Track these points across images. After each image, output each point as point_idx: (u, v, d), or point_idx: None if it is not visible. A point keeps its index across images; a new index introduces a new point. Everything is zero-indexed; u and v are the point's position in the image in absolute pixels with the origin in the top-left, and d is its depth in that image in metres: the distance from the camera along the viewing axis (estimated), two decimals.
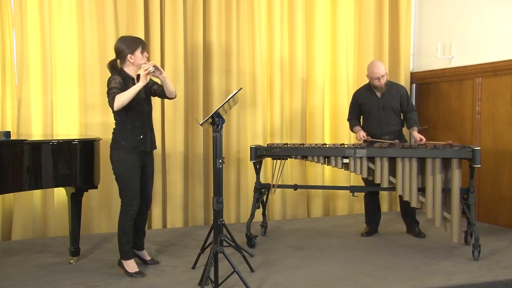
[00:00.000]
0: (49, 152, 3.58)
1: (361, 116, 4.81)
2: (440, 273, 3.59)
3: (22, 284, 3.44)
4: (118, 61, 3.59)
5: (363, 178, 4.61)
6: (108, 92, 3.44)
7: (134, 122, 3.55)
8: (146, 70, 3.41)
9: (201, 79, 5.17)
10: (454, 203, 3.91)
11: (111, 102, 3.40)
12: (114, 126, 3.61)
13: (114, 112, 3.51)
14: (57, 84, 4.77)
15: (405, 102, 4.64)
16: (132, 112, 3.52)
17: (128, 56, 3.50)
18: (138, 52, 3.52)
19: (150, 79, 3.56)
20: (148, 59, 3.63)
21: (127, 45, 3.51)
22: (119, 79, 3.46)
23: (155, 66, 3.47)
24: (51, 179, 3.62)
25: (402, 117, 4.72)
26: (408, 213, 4.74)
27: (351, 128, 4.81)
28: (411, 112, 4.64)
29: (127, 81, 3.51)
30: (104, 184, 4.61)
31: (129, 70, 3.56)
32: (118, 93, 3.40)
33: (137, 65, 3.55)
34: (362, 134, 4.58)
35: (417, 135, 4.49)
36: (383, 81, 4.52)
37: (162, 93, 3.70)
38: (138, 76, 3.61)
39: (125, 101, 3.38)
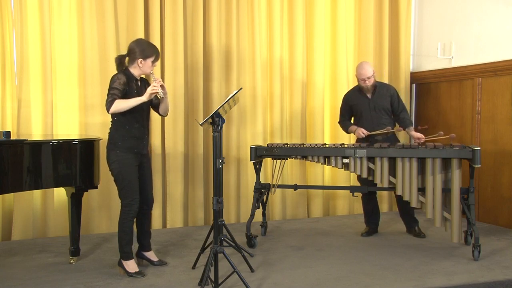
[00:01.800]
0: (49, 152, 3.58)
1: (352, 118, 4.82)
2: (440, 273, 3.59)
3: (22, 284, 3.44)
4: (127, 59, 3.57)
5: (358, 178, 4.63)
6: (109, 91, 3.44)
7: (133, 123, 3.54)
8: (154, 91, 3.40)
9: (201, 79, 5.17)
10: (454, 203, 3.91)
11: (108, 104, 3.39)
12: (111, 126, 3.60)
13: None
14: (57, 84, 4.77)
15: (396, 102, 4.65)
16: (132, 114, 3.51)
17: (139, 60, 3.51)
18: (149, 61, 3.53)
19: None
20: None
21: (142, 49, 3.51)
22: (123, 79, 3.46)
23: (162, 86, 3.48)
24: (51, 179, 3.61)
25: (393, 117, 4.72)
26: (407, 212, 4.74)
27: (346, 129, 4.81)
28: (403, 112, 4.66)
29: (130, 81, 3.52)
30: (104, 184, 4.61)
31: (134, 71, 3.56)
32: (119, 96, 3.40)
33: (143, 71, 3.56)
34: (362, 130, 4.58)
35: (415, 134, 4.52)
36: (368, 82, 4.54)
37: (156, 106, 3.70)
38: (142, 78, 3.64)
39: (122, 109, 3.40)
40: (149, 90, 3.41)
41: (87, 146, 3.82)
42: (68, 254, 3.93)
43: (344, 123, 4.82)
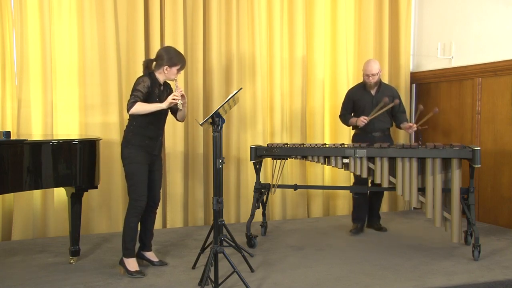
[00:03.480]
0: (49, 152, 3.58)
1: (352, 114, 4.90)
2: (440, 273, 3.59)
3: (22, 284, 3.44)
4: (154, 63, 3.66)
5: (354, 177, 4.80)
6: (132, 92, 3.53)
7: (148, 124, 3.60)
8: (174, 100, 3.50)
9: (201, 79, 5.17)
10: (454, 203, 3.91)
11: (129, 105, 3.48)
12: (127, 123, 3.66)
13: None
14: (57, 84, 4.77)
15: (398, 104, 4.74)
16: (150, 115, 3.57)
17: (165, 67, 3.60)
18: (175, 69, 3.62)
19: None
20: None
21: (170, 57, 3.60)
22: (148, 83, 3.56)
23: (182, 96, 3.57)
24: (51, 179, 3.62)
25: (391, 118, 4.84)
26: (374, 209, 4.90)
27: (347, 122, 4.90)
28: (402, 114, 4.81)
29: (154, 86, 3.61)
30: (104, 184, 4.61)
31: (160, 76, 3.66)
32: (141, 99, 3.49)
33: (168, 78, 3.67)
34: (363, 117, 4.63)
35: (406, 125, 4.69)
36: (372, 79, 4.67)
37: (175, 111, 3.79)
38: (165, 83, 3.72)
39: (141, 112, 3.50)
40: (169, 99, 3.52)
41: (87, 146, 3.82)
42: (68, 254, 3.92)
43: (345, 117, 4.91)
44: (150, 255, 3.86)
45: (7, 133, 3.43)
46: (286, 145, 4.45)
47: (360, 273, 3.63)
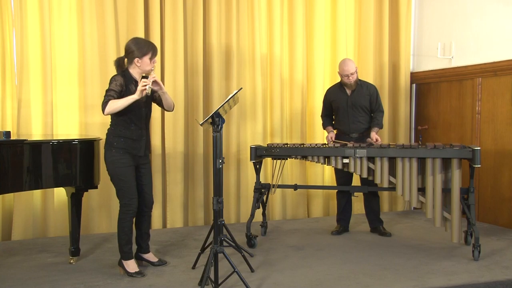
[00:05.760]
0: (49, 152, 3.58)
1: (333, 113, 4.91)
2: (440, 273, 3.59)
3: (22, 284, 3.44)
4: (126, 60, 3.55)
5: (337, 178, 4.85)
6: (105, 93, 3.43)
7: (130, 124, 3.52)
8: (143, 86, 3.35)
9: (201, 79, 5.17)
10: (454, 203, 3.91)
11: (103, 106, 3.39)
12: (109, 126, 3.60)
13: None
14: (57, 84, 4.77)
15: (374, 101, 4.72)
16: (129, 114, 3.49)
17: (136, 59, 3.47)
18: (146, 58, 3.48)
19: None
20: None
21: (138, 47, 3.47)
22: (120, 81, 3.44)
23: (155, 81, 3.44)
24: (51, 179, 3.61)
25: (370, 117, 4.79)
26: (372, 211, 4.83)
27: (324, 126, 4.92)
28: (377, 112, 4.73)
29: (129, 83, 3.49)
30: (104, 184, 4.59)
31: (134, 72, 3.53)
32: (114, 97, 3.38)
33: (142, 70, 3.52)
34: (330, 137, 4.70)
35: (373, 136, 4.55)
36: (352, 79, 4.62)
37: (159, 102, 3.69)
38: (143, 78, 3.57)
39: (116, 109, 3.38)
40: (139, 87, 3.37)
41: (87, 146, 3.82)
42: (68, 254, 3.93)
43: (324, 119, 4.93)
44: (149, 256, 3.85)
45: (7, 133, 3.43)
46: (286, 145, 4.45)
47: (360, 273, 3.63)
